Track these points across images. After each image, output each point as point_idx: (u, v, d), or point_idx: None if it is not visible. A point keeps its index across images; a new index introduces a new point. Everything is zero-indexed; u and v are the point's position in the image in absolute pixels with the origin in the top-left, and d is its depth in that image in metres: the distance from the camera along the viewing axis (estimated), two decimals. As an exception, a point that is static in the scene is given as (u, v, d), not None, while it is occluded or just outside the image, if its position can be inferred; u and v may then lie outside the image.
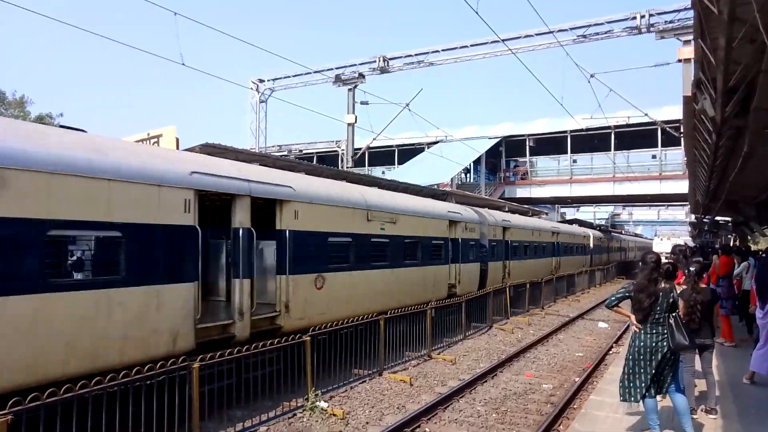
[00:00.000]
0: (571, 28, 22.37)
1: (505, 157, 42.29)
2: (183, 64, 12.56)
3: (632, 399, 5.75)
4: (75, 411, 5.14)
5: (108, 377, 5.46)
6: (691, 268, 6.82)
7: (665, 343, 5.55)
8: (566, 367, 11.66)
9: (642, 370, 5.66)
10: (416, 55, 23.15)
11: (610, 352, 12.98)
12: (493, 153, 41.37)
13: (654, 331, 5.63)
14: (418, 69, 23.30)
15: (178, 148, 10.01)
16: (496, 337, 14.97)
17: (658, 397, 5.79)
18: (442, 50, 23.17)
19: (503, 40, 15.31)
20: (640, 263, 6.03)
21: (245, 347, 7.20)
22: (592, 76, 15.00)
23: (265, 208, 9.11)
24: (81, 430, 5.27)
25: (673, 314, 5.68)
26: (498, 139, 40.51)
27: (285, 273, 8.85)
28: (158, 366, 6.01)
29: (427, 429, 7.54)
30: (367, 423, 7.72)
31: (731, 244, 27.00)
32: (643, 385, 5.65)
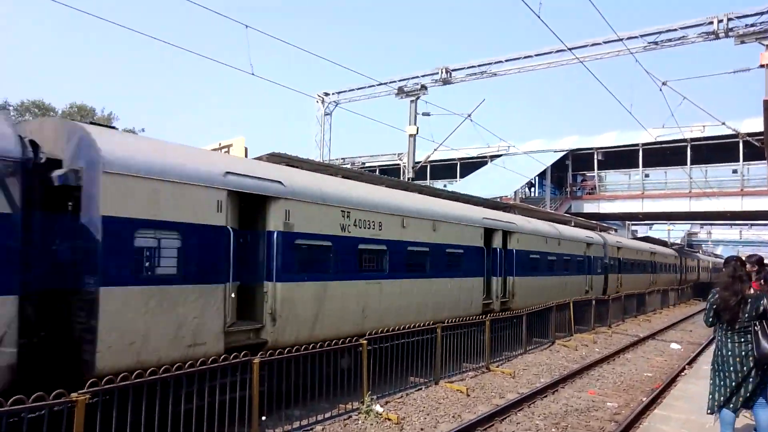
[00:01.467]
0: (642, 35, 21.53)
1: (571, 170, 41.04)
2: (252, 74, 13.19)
3: (709, 410, 5.47)
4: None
5: (175, 365, 5.80)
6: None
7: (753, 352, 5.25)
8: (633, 387, 11.09)
9: (723, 381, 5.38)
10: (479, 65, 23.05)
11: (683, 373, 12.21)
12: (559, 167, 40.28)
13: (741, 339, 5.35)
14: (481, 80, 23.20)
15: (246, 156, 10.53)
16: (558, 353, 14.47)
17: (746, 413, 5.46)
18: (506, 60, 22.94)
19: (570, 49, 14.99)
20: (723, 265, 5.79)
21: (303, 347, 7.39)
22: (664, 83, 14.35)
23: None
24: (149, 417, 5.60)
25: (761, 321, 5.35)
26: (564, 152, 39.44)
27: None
28: (221, 360, 6.31)
29: (482, 439, 7.41)
30: (421, 429, 7.70)
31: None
32: (722, 396, 5.35)
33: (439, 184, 41.96)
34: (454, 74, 23.11)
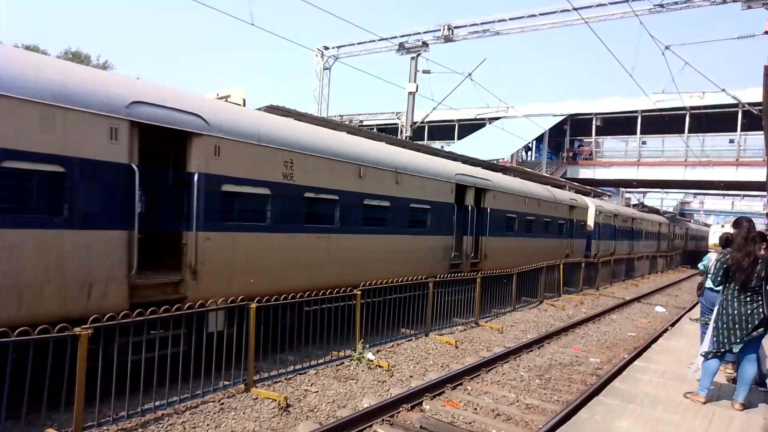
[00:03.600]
0: (649, -3, 21.07)
1: (569, 135, 40.89)
2: (252, 24, 12.94)
3: (703, 355, 5.79)
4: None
5: (178, 306, 5.97)
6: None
7: (761, 311, 5.46)
8: (616, 345, 11.47)
9: (726, 337, 5.58)
10: (482, 23, 22.61)
11: (665, 334, 12.61)
12: (557, 131, 40.11)
13: (748, 299, 5.52)
14: (483, 39, 22.78)
15: (245, 106, 10.47)
16: (546, 312, 14.86)
17: (722, 366, 5.74)
18: (509, 19, 22.51)
19: (575, 9, 14.72)
20: (733, 228, 5.93)
21: (299, 294, 7.59)
22: (667, 47, 14.19)
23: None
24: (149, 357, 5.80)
25: None
26: (563, 117, 39.16)
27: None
28: (220, 302, 6.49)
29: (469, 387, 7.72)
30: (411, 377, 8.00)
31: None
32: (721, 348, 5.61)
33: (436, 145, 41.83)
34: (456, 32, 22.66)
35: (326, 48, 29.37)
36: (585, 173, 38.88)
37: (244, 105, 10.74)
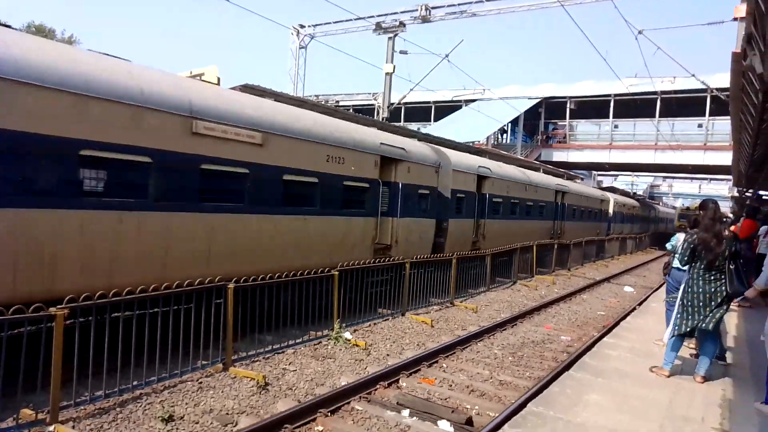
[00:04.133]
0: (624, -18, 21.32)
1: (544, 119, 41.34)
2: (228, 0, 12.63)
3: (668, 335, 6.10)
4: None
5: (158, 287, 5.94)
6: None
7: (723, 289, 5.69)
8: (587, 324, 11.83)
9: (690, 315, 5.81)
10: (459, 4, 22.55)
11: (633, 313, 13.05)
12: (532, 114, 40.47)
13: (713, 278, 5.74)
14: (461, 20, 22.74)
15: (219, 85, 10.30)
16: (520, 292, 15.19)
17: (687, 343, 5.99)
18: (486, 0, 22.52)
19: (550, -8, 14.79)
20: (699, 210, 6.14)
21: (278, 275, 7.61)
22: (640, 32, 14.42)
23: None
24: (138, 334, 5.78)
25: (736, 261, 5.78)
26: (538, 100, 39.52)
27: None
28: (196, 282, 6.47)
29: (444, 364, 7.90)
30: (387, 355, 8.15)
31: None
32: (685, 327, 5.84)
33: (413, 127, 41.81)
34: (433, 12, 22.53)
35: (302, 26, 28.90)
36: (559, 156, 39.46)
37: (219, 83, 10.60)
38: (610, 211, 32.17)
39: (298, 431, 5.31)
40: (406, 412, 5.79)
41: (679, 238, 7.47)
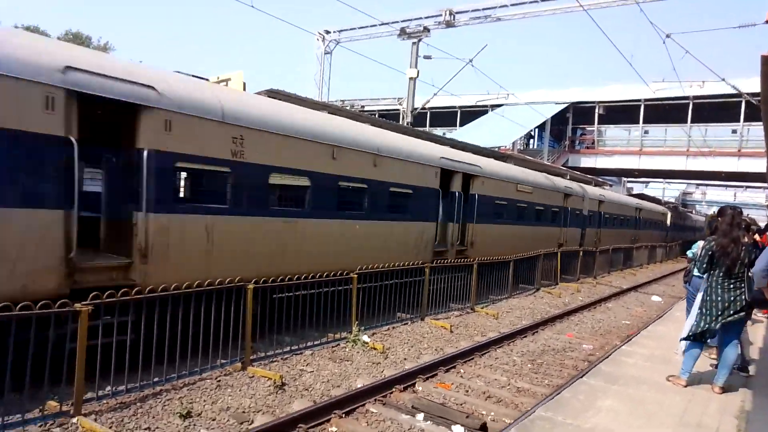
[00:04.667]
0: (650, -16, 20.89)
1: (572, 124, 40.83)
2: (252, 6, 12.89)
3: (684, 336, 5.94)
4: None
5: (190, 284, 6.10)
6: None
7: (742, 297, 5.57)
8: (610, 332, 11.62)
9: (707, 321, 5.67)
10: (483, 9, 22.53)
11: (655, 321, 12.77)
12: (559, 119, 40.03)
13: (732, 285, 5.62)
14: (485, 24, 22.72)
15: (245, 90, 10.52)
16: (543, 299, 15.01)
17: (706, 352, 5.85)
18: (511, 5, 22.42)
19: (575, -4, 14.63)
20: (718, 216, 6.03)
21: (304, 276, 7.72)
22: (667, 36, 14.13)
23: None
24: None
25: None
26: (566, 105, 39.07)
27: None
28: (216, 283, 6.62)
29: (462, 370, 7.87)
30: (405, 359, 8.16)
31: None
32: (701, 329, 5.70)
33: (438, 132, 41.79)
34: (457, 17, 22.56)
35: (327, 32, 29.27)
36: (587, 162, 38.89)
37: (245, 89, 10.82)
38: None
39: (312, 431, 5.37)
40: (420, 416, 5.80)
41: (699, 246, 7.31)
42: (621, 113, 38.52)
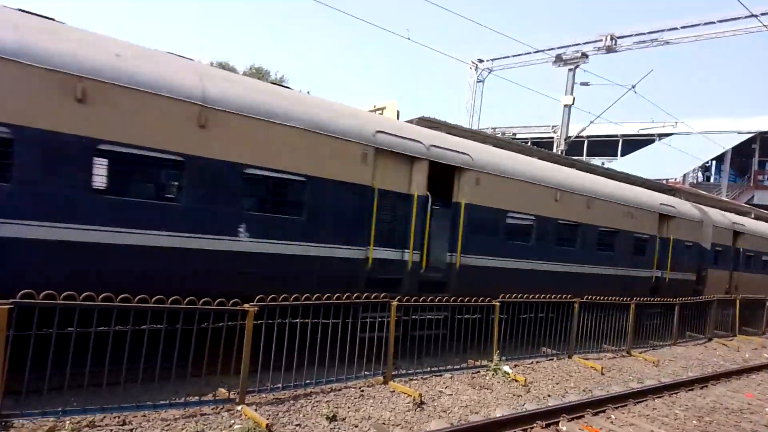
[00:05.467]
0: None
1: (758, 156, 35.70)
2: (408, 39, 13.58)
3: None
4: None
5: (312, 297, 6.59)
6: None
7: None
8: (804, 398, 9.78)
9: None
10: (649, 33, 20.92)
11: None
12: (742, 150, 35.31)
13: None
14: (651, 49, 21.07)
15: (398, 119, 11.10)
16: (715, 351, 13.19)
17: None
18: (681, 27, 20.50)
19: (755, 15, 12.97)
20: None
21: (446, 299, 7.85)
22: None
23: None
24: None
25: None
26: (751, 134, 34.34)
27: None
28: (363, 297, 7.00)
29: (613, 415, 7.24)
30: (548, 395, 7.75)
31: None
32: None
33: (596, 161, 39.42)
34: (620, 41, 21.26)
35: (480, 61, 29.56)
36: (777, 200, 33.59)
37: (398, 117, 11.41)
38: None
39: (448, 453, 5.36)
40: (562, 456, 5.47)
41: None
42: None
